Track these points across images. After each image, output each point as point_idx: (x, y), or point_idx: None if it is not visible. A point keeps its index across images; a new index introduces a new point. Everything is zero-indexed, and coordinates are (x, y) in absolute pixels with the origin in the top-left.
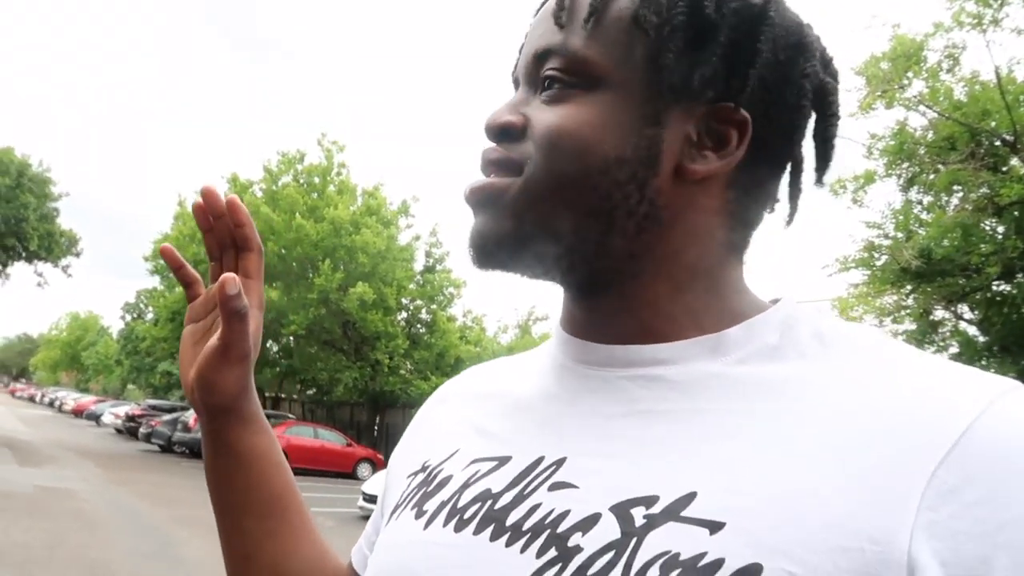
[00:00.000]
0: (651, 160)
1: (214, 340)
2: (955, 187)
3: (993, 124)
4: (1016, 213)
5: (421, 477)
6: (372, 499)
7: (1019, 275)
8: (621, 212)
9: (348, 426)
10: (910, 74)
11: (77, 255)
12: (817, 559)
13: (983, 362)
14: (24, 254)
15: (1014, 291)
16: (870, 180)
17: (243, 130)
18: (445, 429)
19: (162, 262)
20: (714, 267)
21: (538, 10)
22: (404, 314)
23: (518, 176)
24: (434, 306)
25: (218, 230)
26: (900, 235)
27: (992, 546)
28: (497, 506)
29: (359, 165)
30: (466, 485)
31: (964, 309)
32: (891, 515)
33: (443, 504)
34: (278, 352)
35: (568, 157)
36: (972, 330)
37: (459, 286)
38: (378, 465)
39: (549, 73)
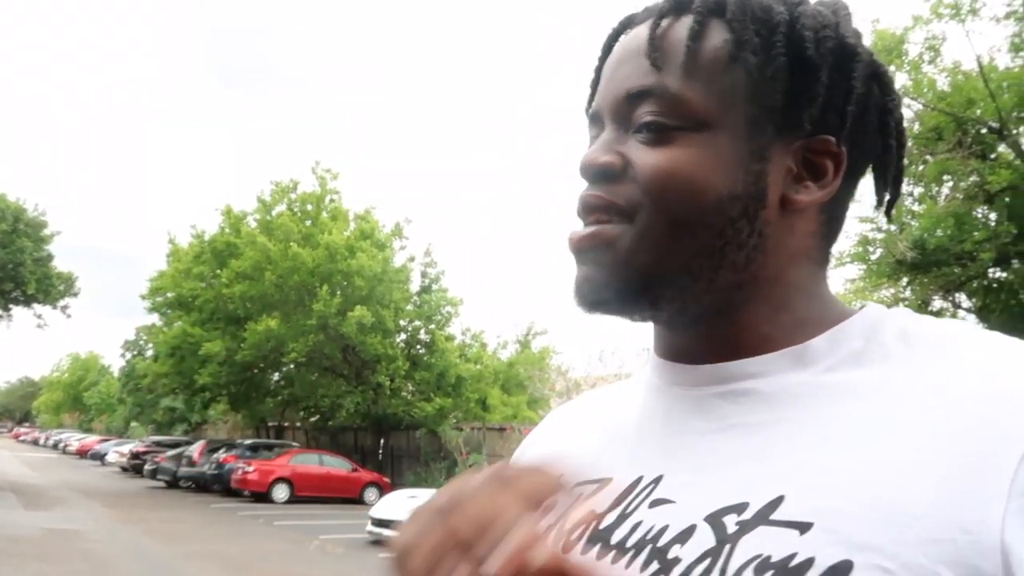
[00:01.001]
0: (759, 194)
1: None
2: (945, 177)
3: (978, 112)
4: (1007, 199)
5: None
6: (381, 523)
7: (1014, 261)
8: (732, 246)
9: (352, 451)
10: (892, 67)
11: (75, 295)
12: (909, 552)
13: None
14: (22, 298)
15: (1011, 277)
16: None
17: (234, 163)
18: (549, 455)
19: (159, 299)
20: (808, 284)
21: (608, 44)
22: (403, 336)
23: (626, 222)
24: (432, 326)
25: None
26: (893, 227)
27: None
28: (602, 526)
29: (350, 189)
30: (571, 508)
31: (962, 298)
32: (981, 505)
33: (550, 527)
34: (280, 380)
35: (680, 199)
36: (971, 318)
37: (456, 304)
38: (384, 489)
39: (649, 117)
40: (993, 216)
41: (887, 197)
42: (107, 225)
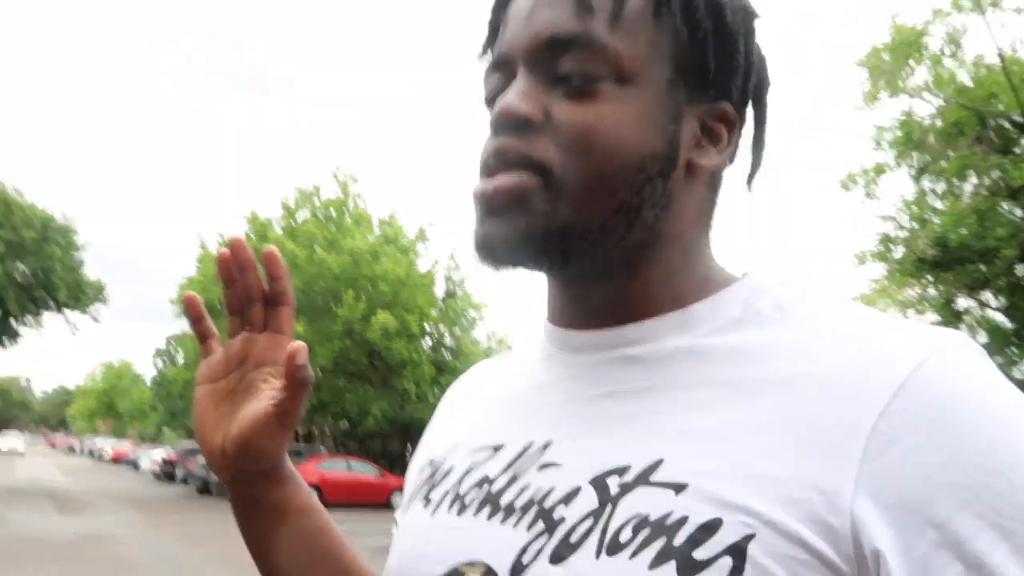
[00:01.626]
0: (673, 155)
1: (267, 406)
2: (967, 172)
3: (1001, 106)
4: None
5: (428, 471)
6: None
7: None
8: (647, 205)
9: (380, 456)
10: (912, 62)
11: (104, 302)
12: (770, 510)
13: (1013, 349)
14: (54, 305)
15: None
16: (881, 172)
17: (258, 167)
18: (449, 426)
19: None
20: (699, 248)
21: None
22: (428, 341)
23: (542, 176)
24: (457, 330)
25: (244, 283)
26: (915, 225)
27: (933, 487)
28: (493, 489)
29: (373, 194)
30: (466, 473)
31: (988, 297)
32: (837, 467)
33: (447, 492)
34: None
35: (605, 156)
36: (1000, 317)
37: (480, 309)
38: None
39: (572, 66)
40: (1018, 212)
41: (752, 169)
42: (137, 234)
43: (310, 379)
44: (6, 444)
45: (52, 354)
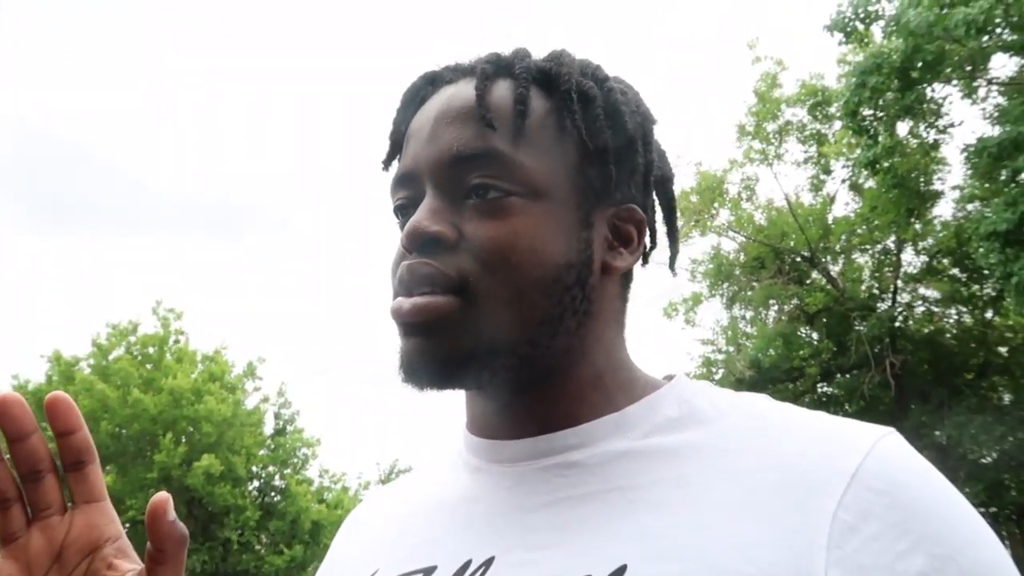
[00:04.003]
0: (587, 261)
1: None
2: (771, 301)
3: (792, 243)
4: (824, 319)
5: None
6: None
7: (837, 375)
8: (568, 313)
9: None
10: (716, 204)
11: None
12: None
13: None
14: None
15: (836, 391)
16: (697, 301)
17: (65, 305)
18: (358, 555)
19: None
20: (619, 347)
21: (410, 99)
22: (255, 483)
23: (457, 294)
24: (288, 470)
25: (24, 454)
26: (731, 349)
27: (893, 574)
28: None
29: (199, 329)
30: None
31: None
32: (806, 557)
33: None
34: None
35: (520, 270)
36: None
37: (313, 446)
38: None
39: (482, 181)
40: (815, 335)
41: (672, 253)
42: None
43: (186, 534)
44: None
45: None
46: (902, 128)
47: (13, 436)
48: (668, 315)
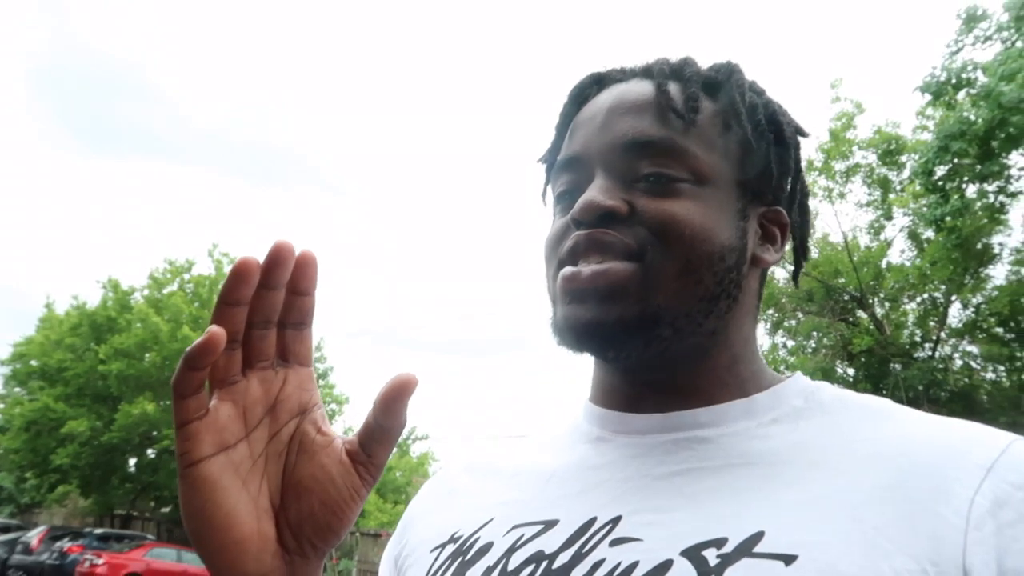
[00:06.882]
0: (744, 249)
1: (339, 464)
2: (814, 333)
3: (842, 281)
4: (863, 359)
5: (451, 548)
6: None
7: None
8: (724, 295)
9: None
10: None
11: None
12: None
13: None
14: None
15: None
16: None
17: (124, 237)
18: (472, 501)
19: (19, 367)
20: (753, 338)
21: (578, 96)
22: None
23: (636, 261)
24: None
25: (269, 300)
26: None
27: None
28: (555, 566)
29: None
30: (512, 549)
31: None
32: (944, 538)
33: (489, 570)
34: (141, 467)
35: (692, 244)
36: None
37: (341, 403)
38: None
39: (655, 168)
40: (851, 372)
41: (798, 266)
42: None
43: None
44: None
45: None
46: (970, 189)
47: (272, 284)
48: None
